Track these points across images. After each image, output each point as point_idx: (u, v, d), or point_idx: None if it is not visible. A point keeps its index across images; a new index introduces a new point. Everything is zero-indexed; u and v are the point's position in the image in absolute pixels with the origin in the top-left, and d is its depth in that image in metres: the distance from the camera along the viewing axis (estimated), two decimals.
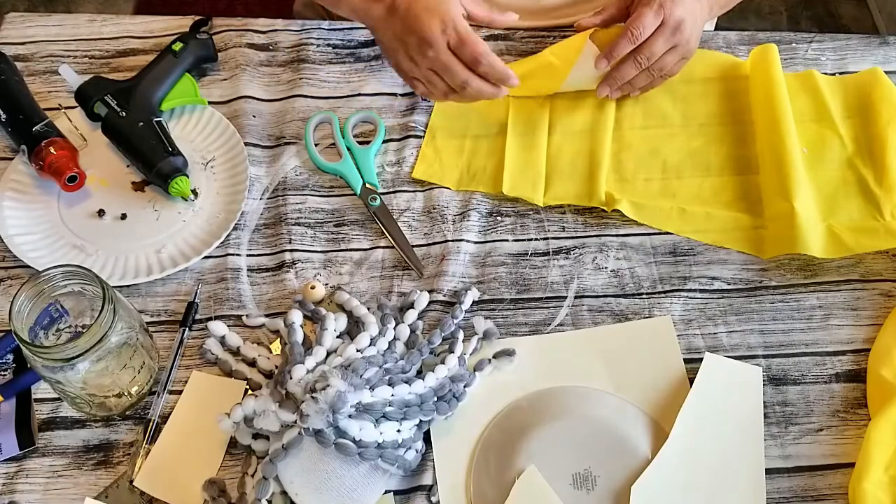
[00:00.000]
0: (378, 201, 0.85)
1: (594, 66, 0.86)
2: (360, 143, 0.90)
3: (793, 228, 0.80)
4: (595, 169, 0.87)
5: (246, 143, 0.88)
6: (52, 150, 0.82)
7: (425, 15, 0.80)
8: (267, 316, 0.79)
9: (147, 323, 0.77)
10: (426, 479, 0.70)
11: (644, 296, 0.80)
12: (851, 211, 0.84)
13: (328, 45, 0.97)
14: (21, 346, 0.64)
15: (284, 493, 0.67)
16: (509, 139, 0.89)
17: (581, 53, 0.85)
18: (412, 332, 0.76)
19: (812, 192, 0.84)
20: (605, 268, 0.82)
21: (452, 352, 0.74)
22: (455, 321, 0.76)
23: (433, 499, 0.69)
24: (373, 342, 0.73)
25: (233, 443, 0.71)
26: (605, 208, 0.84)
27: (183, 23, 0.98)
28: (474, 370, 0.75)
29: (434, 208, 0.85)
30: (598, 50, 0.85)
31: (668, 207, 0.85)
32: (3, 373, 0.75)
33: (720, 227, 0.84)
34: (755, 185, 0.87)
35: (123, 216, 0.84)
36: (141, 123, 0.85)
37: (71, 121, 0.88)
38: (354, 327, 0.76)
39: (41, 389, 0.74)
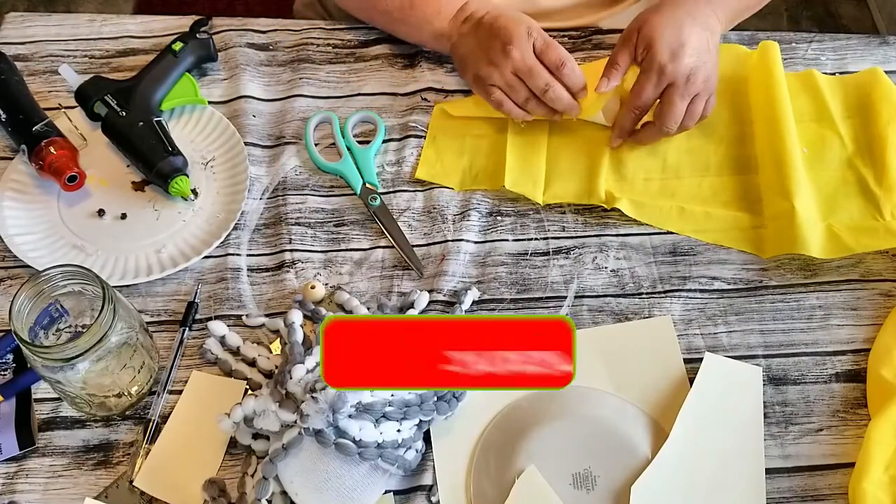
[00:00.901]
0: (378, 201, 0.85)
1: (608, 144, 0.88)
2: (360, 142, 0.90)
3: (793, 228, 0.80)
4: (595, 168, 0.87)
5: (246, 143, 0.88)
6: (52, 149, 0.82)
7: (512, 23, 0.85)
8: (267, 316, 0.79)
9: (147, 323, 0.77)
10: (426, 479, 0.70)
11: (644, 296, 0.80)
12: (851, 211, 0.84)
13: (328, 45, 0.97)
14: (21, 346, 0.64)
15: (284, 493, 0.67)
16: (510, 139, 0.89)
17: (591, 118, 0.88)
18: None
19: (812, 191, 0.84)
20: (605, 268, 0.82)
21: None
22: None
23: (433, 499, 0.69)
24: None
25: (233, 443, 0.71)
26: (605, 206, 0.84)
27: (183, 23, 0.98)
28: None
29: (434, 208, 0.85)
30: (606, 120, 0.88)
31: (667, 206, 0.85)
32: (3, 373, 0.75)
33: (720, 226, 0.84)
34: (755, 184, 0.87)
35: (123, 216, 0.84)
36: (141, 123, 0.85)
37: (71, 121, 0.88)
38: None
39: (41, 389, 0.74)
